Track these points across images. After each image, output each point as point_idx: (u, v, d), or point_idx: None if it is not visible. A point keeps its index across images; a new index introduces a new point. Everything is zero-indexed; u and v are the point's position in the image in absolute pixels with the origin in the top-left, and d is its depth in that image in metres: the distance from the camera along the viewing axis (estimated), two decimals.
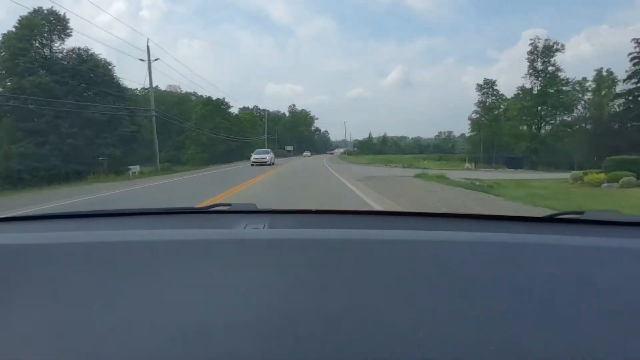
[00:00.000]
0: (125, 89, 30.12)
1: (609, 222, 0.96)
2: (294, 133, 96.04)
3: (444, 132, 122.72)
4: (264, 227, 0.95)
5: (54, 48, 26.40)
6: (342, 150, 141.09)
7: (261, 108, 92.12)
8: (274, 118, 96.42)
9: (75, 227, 1.10)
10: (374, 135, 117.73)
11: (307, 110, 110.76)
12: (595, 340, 0.43)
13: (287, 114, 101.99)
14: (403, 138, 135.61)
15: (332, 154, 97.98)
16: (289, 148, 77.21)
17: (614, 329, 0.44)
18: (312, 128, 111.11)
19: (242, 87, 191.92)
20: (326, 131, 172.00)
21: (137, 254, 0.66)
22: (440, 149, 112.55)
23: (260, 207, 1.24)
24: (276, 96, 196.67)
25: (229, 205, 1.26)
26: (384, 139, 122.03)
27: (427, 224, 1.12)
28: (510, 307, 0.49)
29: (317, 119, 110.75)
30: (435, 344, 0.42)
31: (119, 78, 28.55)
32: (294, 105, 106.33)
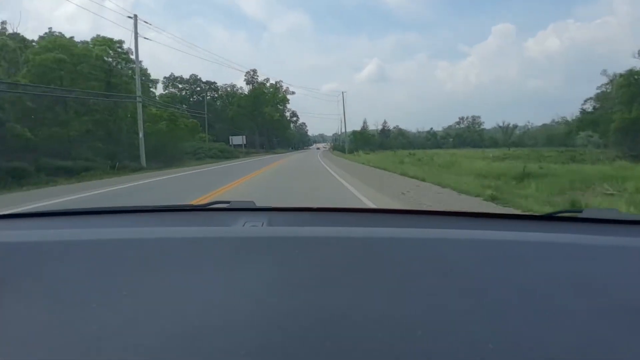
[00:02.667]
0: None
1: (608, 221, 0.97)
2: (257, 117, 60.29)
3: (467, 119, 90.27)
4: (262, 225, 0.95)
5: None
6: (323, 144, 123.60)
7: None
8: (229, 96, 60.71)
9: (71, 224, 1.09)
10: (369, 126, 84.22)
11: (278, 81, 68.98)
12: (594, 339, 0.43)
13: (245, 88, 65.26)
14: (406, 130, 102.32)
15: (319, 148, 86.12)
16: (237, 141, 40.72)
17: (613, 328, 0.44)
18: (287, 112, 74.85)
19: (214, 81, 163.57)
20: (303, 123, 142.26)
21: (134, 252, 0.65)
22: (465, 140, 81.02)
23: (258, 204, 1.25)
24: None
25: (228, 202, 1.26)
26: (384, 130, 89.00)
27: (426, 222, 1.12)
28: (509, 305, 0.49)
29: (293, 93, 74.36)
30: (433, 342, 0.42)
31: None
32: (254, 73, 64.69)
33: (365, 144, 75.15)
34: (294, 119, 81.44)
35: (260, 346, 0.41)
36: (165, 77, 56.16)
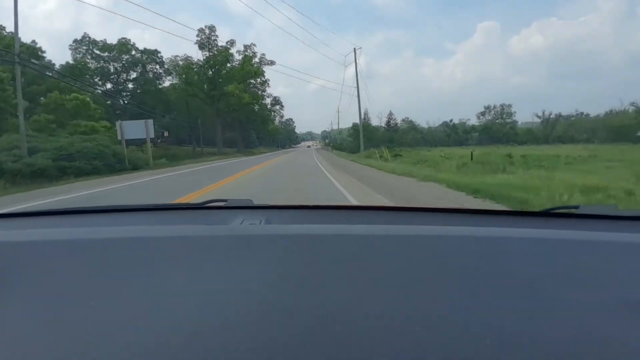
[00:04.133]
0: None
1: (604, 216, 0.97)
2: (217, 100, 40.29)
3: (495, 108, 72.54)
4: (260, 223, 0.94)
5: None
6: (310, 142, 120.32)
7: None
8: (181, 71, 41.20)
9: (69, 223, 1.09)
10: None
11: (249, 45, 44.04)
12: (591, 334, 0.43)
13: (201, 56, 41.78)
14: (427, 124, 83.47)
15: (309, 146, 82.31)
16: (135, 132, 20.01)
17: (610, 323, 0.44)
18: (267, 99, 55.14)
19: None
20: (290, 119, 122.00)
21: (132, 251, 0.65)
22: (494, 135, 63.55)
23: (256, 202, 1.25)
24: None
25: (225, 200, 1.26)
26: (390, 123, 71.26)
27: (423, 219, 1.12)
28: (506, 301, 0.49)
29: (271, 63, 46.14)
30: (431, 337, 0.42)
31: None
32: (210, 31, 40.65)
33: (369, 139, 57.49)
34: (277, 107, 61.68)
35: (258, 343, 0.40)
36: (75, 40, 36.54)
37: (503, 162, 13.78)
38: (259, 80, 46.56)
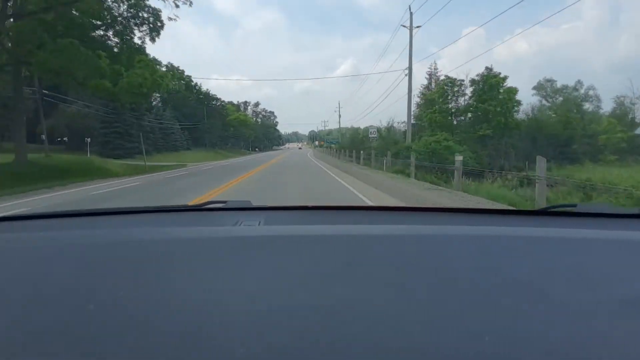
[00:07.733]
0: None
1: (601, 214, 0.98)
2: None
3: None
4: (259, 224, 0.95)
5: None
6: (296, 144, 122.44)
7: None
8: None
9: (66, 226, 1.09)
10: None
11: None
12: (589, 331, 0.43)
13: None
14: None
15: (301, 148, 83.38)
16: None
17: (608, 320, 0.44)
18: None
19: None
20: (272, 112, 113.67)
21: (131, 253, 0.65)
22: None
23: (255, 203, 1.25)
24: (221, 88, 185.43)
25: (224, 202, 1.27)
26: (480, 83, 32.14)
27: (423, 219, 1.13)
28: (505, 299, 0.49)
29: None
30: (430, 336, 0.42)
31: None
32: None
33: (462, 137, 19.20)
34: None
35: (258, 344, 0.40)
36: None
37: None
38: None
